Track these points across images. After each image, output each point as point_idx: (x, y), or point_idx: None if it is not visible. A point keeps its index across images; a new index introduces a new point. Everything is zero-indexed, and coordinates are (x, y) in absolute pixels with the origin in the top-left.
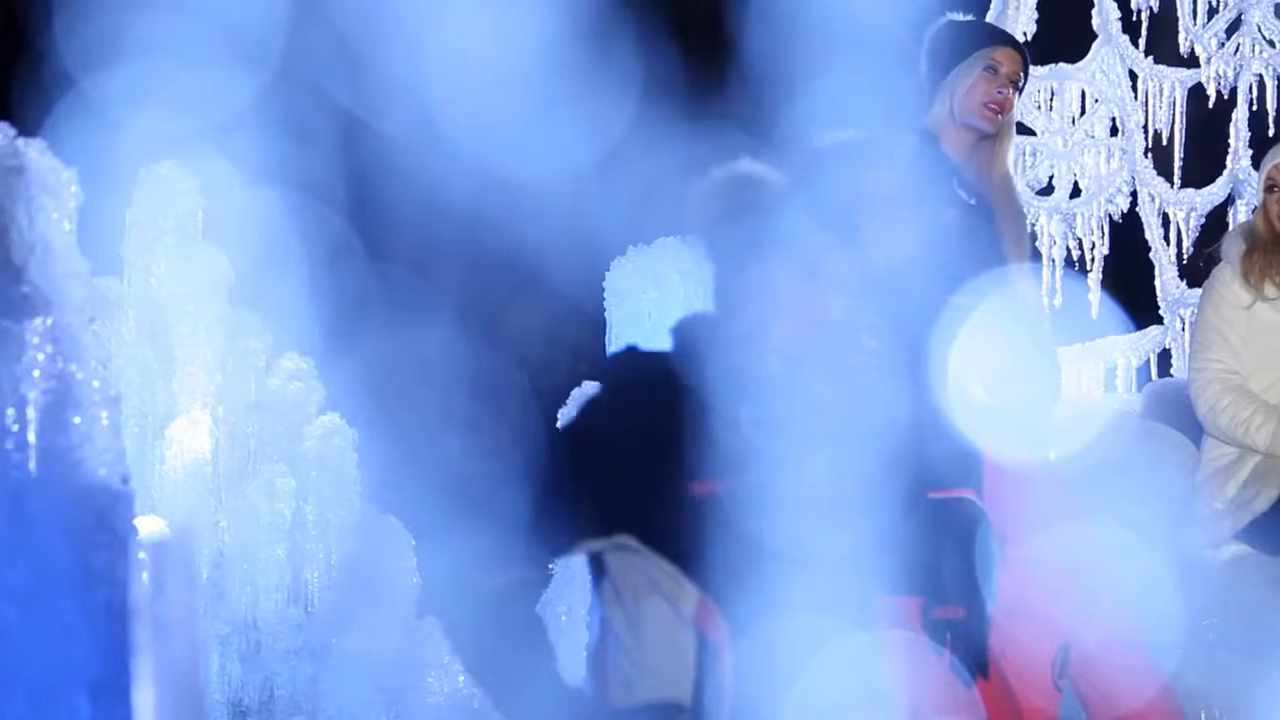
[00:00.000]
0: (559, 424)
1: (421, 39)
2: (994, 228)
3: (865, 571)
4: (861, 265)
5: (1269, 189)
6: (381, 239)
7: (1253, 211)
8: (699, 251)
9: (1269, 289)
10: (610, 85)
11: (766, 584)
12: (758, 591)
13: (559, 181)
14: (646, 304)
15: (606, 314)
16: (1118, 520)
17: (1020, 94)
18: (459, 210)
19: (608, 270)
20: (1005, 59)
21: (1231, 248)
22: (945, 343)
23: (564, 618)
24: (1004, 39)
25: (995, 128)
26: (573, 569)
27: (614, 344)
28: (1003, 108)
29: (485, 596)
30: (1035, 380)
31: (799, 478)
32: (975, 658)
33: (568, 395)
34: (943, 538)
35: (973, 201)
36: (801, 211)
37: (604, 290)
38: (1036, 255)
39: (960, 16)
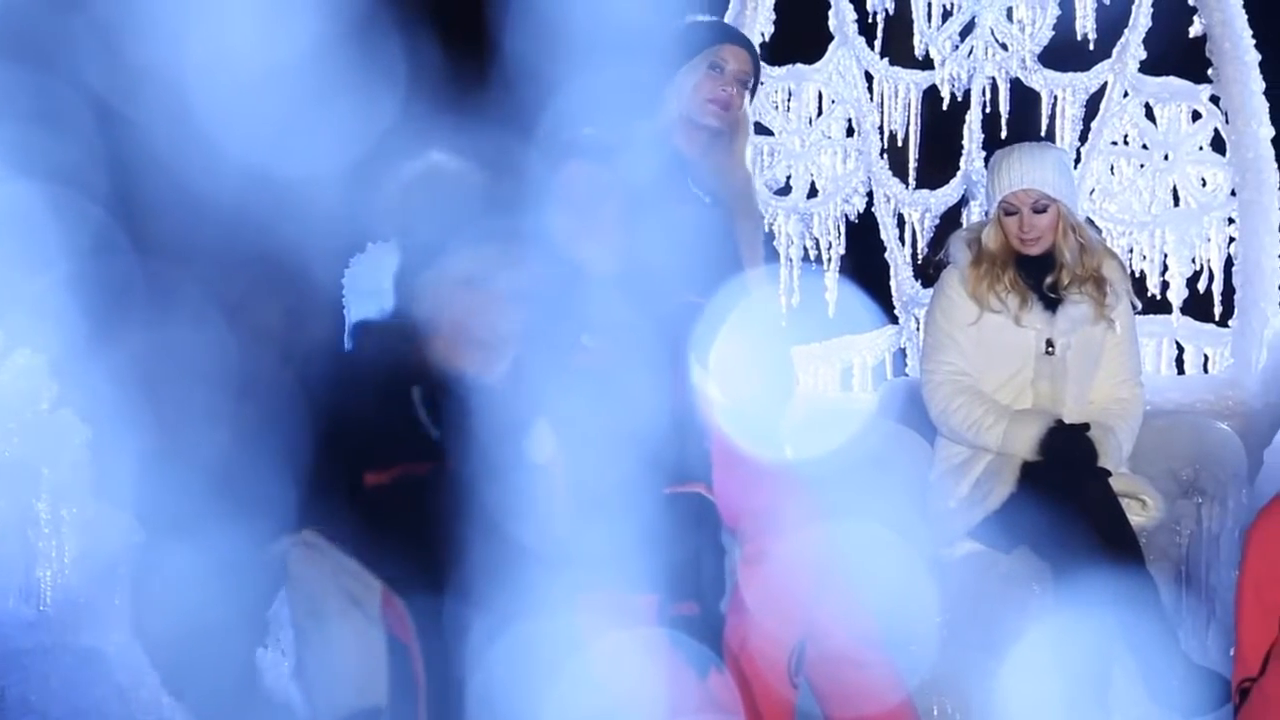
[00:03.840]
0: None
1: (183, 31)
2: (729, 226)
3: (617, 570)
4: (551, 270)
5: (1008, 213)
6: (138, 234)
7: (985, 214)
8: (391, 247)
9: (993, 301)
10: (373, 82)
11: (525, 583)
12: (516, 591)
13: (321, 177)
14: (387, 301)
15: (345, 311)
16: (861, 518)
17: (751, 93)
18: (219, 206)
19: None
20: (732, 57)
21: (959, 253)
22: (681, 341)
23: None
24: (732, 37)
25: (722, 124)
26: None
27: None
28: (726, 105)
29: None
30: (769, 379)
31: (565, 475)
32: (708, 652)
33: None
34: (678, 534)
35: (708, 200)
36: (476, 216)
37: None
38: (775, 255)
39: (703, 18)
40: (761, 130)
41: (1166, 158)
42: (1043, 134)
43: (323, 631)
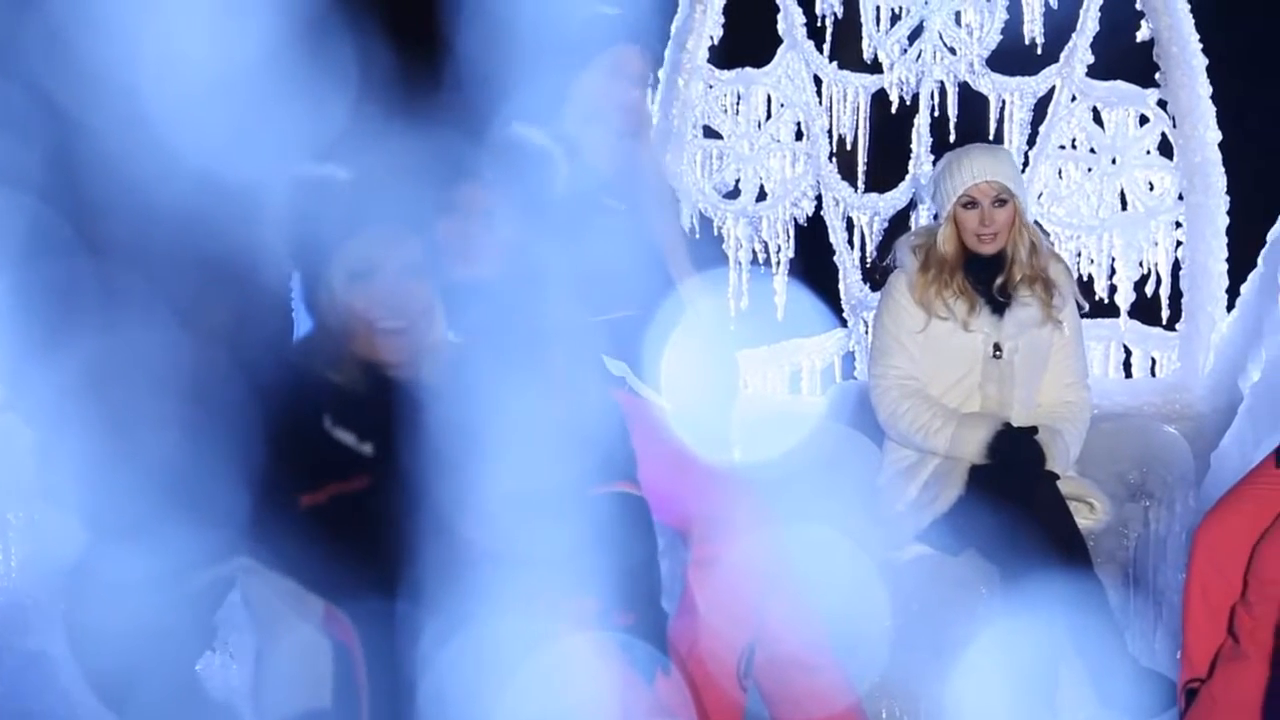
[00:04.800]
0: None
1: (135, 33)
2: (647, 232)
3: (566, 572)
4: (429, 258)
5: (967, 205)
6: (88, 236)
7: (935, 218)
8: (287, 258)
9: (940, 308)
10: (324, 84)
11: (476, 585)
12: (467, 592)
13: (274, 181)
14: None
15: (294, 315)
16: (812, 522)
17: (654, 90)
18: (171, 208)
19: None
20: (632, 58)
21: (905, 258)
22: (612, 350)
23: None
24: (629, 37)
25: (629, 127)
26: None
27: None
28: (632, 109)
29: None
30: (711, 383)
31: (498, 479)
32: (654, 657)
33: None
34: (625, 537)
35: (622, 207)
36: (350, 213)
37: (292, 292)
38: (723, 257)
39: (610, 9)
40: (710, 134)
41: (1114, 161)
42: (991, 137)
43: (271, 643)
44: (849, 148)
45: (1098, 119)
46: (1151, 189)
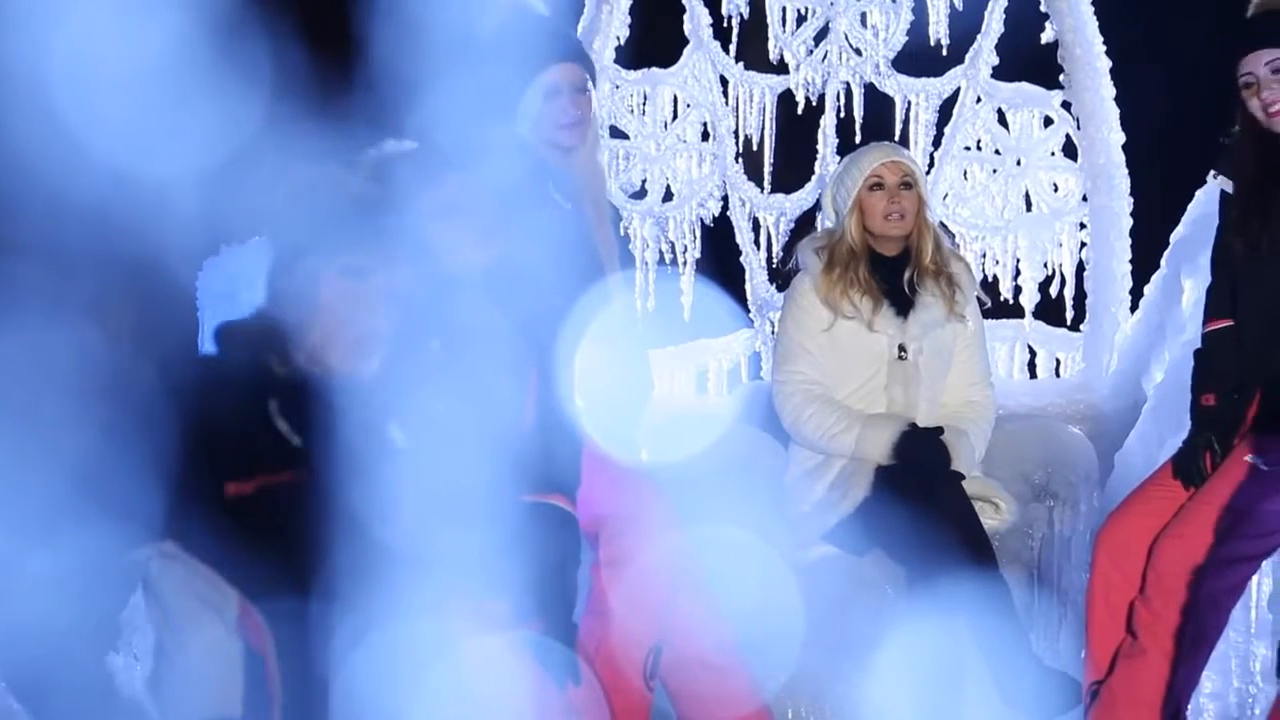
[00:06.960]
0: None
1: (45, 30)
2: (590, 231)
3: (474, 575)
4: (419, 272)
5: (874, 187)
6: (1, 235)
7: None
8: (261, 246)
9: (846, 306)
10: (239, 83)
11: (389, 585)
12: (380, 593)
13: (187, 179)
14: (241, 305)
15: (200, 314)
16: (723, 522)
17: (592, 95)
18: (80, 206)
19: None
20: (565, 74)
21: (809, 260)
22: (541, 346)
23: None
24: (559, 54)
25: (575, 140)
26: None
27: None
28: (577, 122)
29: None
30: (625, 382)
31: (419, 480)
32: (568, 661)
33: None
34: (535, 545)
35: (568, 205)
36: (358, 217)
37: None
38: (630, 258)
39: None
40: (617, 134)
41: (1019, 163)
42: (896, 138)
43: (178, 642)
44: (755, 148)
45: (1003, 120)
46: (1056, 190)
